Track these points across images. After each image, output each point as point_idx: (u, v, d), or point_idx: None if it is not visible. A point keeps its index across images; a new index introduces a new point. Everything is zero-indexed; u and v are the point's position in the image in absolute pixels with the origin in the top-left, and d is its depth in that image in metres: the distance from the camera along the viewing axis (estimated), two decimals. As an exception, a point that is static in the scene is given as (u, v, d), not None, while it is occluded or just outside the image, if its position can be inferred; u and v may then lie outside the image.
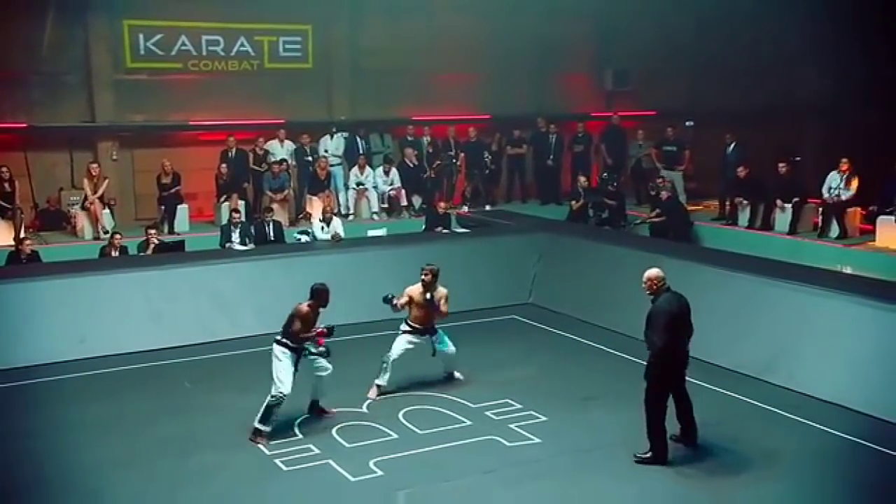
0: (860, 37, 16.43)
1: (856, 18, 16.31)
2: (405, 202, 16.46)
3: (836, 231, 14.01)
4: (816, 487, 7.29)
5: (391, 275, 10.36)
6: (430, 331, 9.29)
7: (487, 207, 16.91)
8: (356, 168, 16.28)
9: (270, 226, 13.64)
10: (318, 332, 8.22)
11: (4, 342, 10.01)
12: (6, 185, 13.99)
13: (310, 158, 16.24)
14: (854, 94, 17.16)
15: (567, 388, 9.35)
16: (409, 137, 17.24)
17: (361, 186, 16.19)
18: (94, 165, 14.76)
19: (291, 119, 16.78)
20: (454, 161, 17.31)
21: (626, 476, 7.32)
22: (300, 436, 8.10)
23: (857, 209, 14.33)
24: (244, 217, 14.10)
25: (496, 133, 18.17)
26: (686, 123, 18.80)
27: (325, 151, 16.46)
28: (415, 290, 9.17)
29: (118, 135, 16.16)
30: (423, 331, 9.23)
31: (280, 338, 8.11)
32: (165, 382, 9.59)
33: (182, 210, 15.09)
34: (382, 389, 9.04)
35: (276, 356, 8.05)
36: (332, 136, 16.66)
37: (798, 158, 16.49)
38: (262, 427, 7.93)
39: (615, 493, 7.12)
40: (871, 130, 16.46)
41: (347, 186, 16.31)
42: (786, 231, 14.53)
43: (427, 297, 9.10)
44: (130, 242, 12.99)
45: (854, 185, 14.01)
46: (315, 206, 15.12)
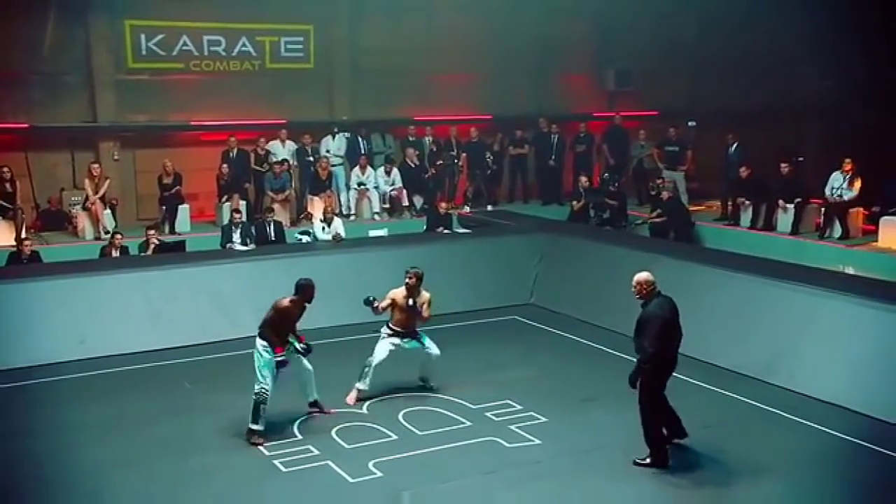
0: (861, 37, 16.41)
1: (856, 19, 16.28)
2: (406, 202, 16.44)
3: (839, 231, 13.98)
4: (816, 488, 7.27)
5: (392, 275, 10.27)
6: (412, 334, 9.11)
7: (489, 208, 16.90)
8: (357, 168, 16.27)
9: (271, 226, 13.63)
10: (300, 338, 8.33)
11: (5, 342, 10.01)
12: (7, 186, 14.00)
13: (311, 159, 16.24)
14: (856, 95, 17.15)
15: (567, 389, 9.33)
16: (411, 137, 17.23)
17: (363, 187, 16.18)
18: (96, 166, 14.76)
19: (293, 119, 16.77)
20: (456, 161, 17.29)
21: (626, 477, 7.31)
22: (299, 436, 8.09)
23: (860, 209, 14.31)
24: (245, 217, 14.10)
25: (498, 133, 18.17)
26: (688, 123, 18.78)
27: (327, 151, 16.45)
28: (398, 294, 9.01)
29: (119, 135, 16.16)
30: (405, 334, 9.06)
31: (261, 330, 8.08)
32: (165, 383, 9.58)
33: (183, 210, 15.10)
34: (363, 394, 8.91)
35: (259, 351, 8.02)
36: (334, 137, 16.65)
37: (801, 158, 16.47)
38: (255, 427, 7.92)
39: (615, 495, 7.11)
40: (873, 130, 16.44)
41: (349, 187, 16.30)
42: (788, 231, 14.51)
43: (410, 303, 8.93)
44: (132, 242, 13.00)
45: (857, 186, 13.98)
46: (316, 207, 15.11)
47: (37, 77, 15.41)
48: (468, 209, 16.72)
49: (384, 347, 9.00)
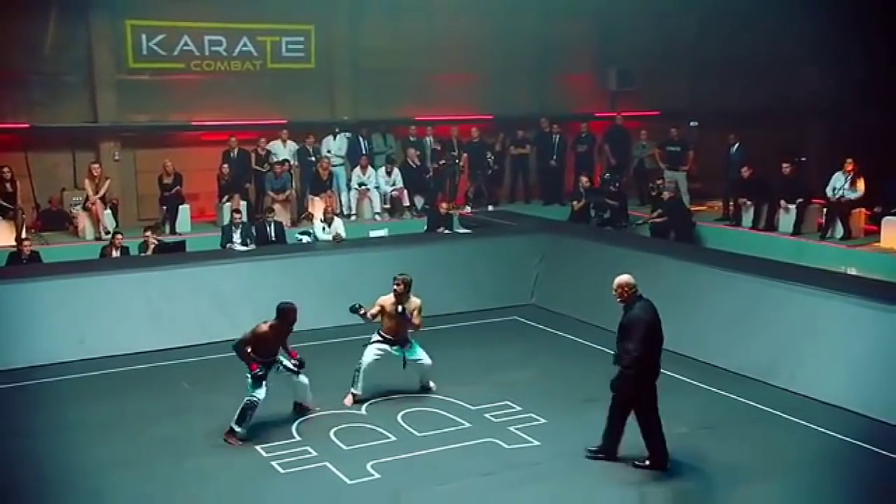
0: (861, 37, 16.36)
1: (856, 18, 16.24)
2: (407, 203, 16.42)
3: (841, 232, 13.95)
4: (815, 489, 7.24)
5: (392, 276, 10.25)
6: (402, 342, 8.99)
7: (490, 208, 16.87)
8: (358, 168, 16.25)
9: (272, 226, 13.60)
10: (292, 354, 8.36)
11: (5, 342, 10.00)
12: (7, 186, 14.00)
13: (313, 159, 16.22)
14: (857, 94, 17.08)
15: (567, 390, 9.29)
16: (412, 138, 17.20)
17: (363, 187, 16.16)
18: (96, 166, 14.76)
19: (294, 119, 16.77)
20: (457, 161, 17.27)
21: (625, 479, 7.27)
22: (298, 438, 8.06)
23: (862, 210, 14.26)
24: (246, 217, 14.08)
25: (500, 133, 18.14)
26: (690, 123, 18.74)
27: (328, 152, 16.43)
28: (387, 301, 8.88)
29: (120, 135, 16.17)
30: (394, 342, 8.95)
31: (234, 346, 8.12)
32: (165, 383, 9.57)
33: (184, 210, 15.09)
34: (358, 397, 8.85)
35: None
36: (335, 137, 16.64)
37: (803, 159, 16.42)
38: (237, 428, 7.91)
39: (614, 497, 7.08)
40: (875, 130, 16.39)
41: (350, 187, 16.29)
42: (790, 232, 14.47)
43: (398, 310, 8.80)
44: (132, 243, 12.99)
45: (861, 186, 13.94)
46: (317, 207, 15.10)
47: (37, 77, 15.43)
48: (469, 209, 16.69)
49: (371, 353, 8.92)
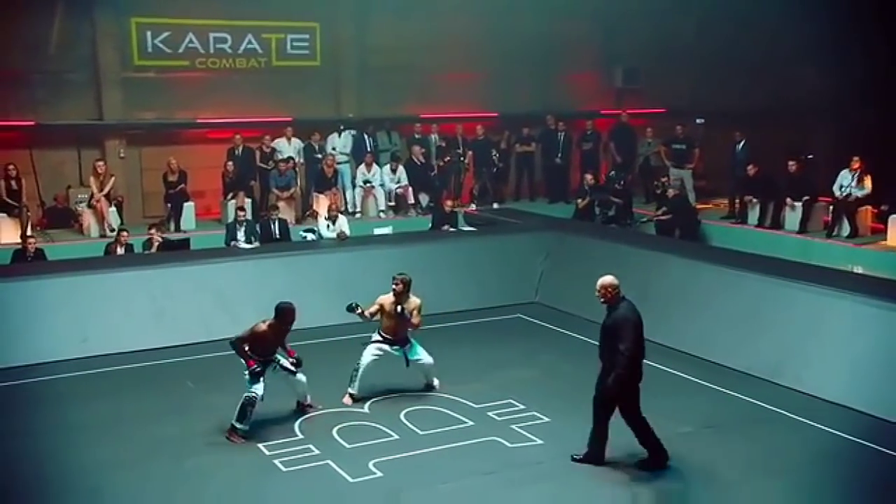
0: (862, 37, 16.29)
1: (858, 18, 16.16)
2: (412, 200, 16.40)
3: (847, 230, 13.87)
4: (819, 489, 7.20)
5: (395, 273, 10.22)
6: (402, 342, 8.95)
7: (495, 206, 16.83)
8: (363, 166, 16.23)
9: (276, 224, 13.59)
10: (289, 352, 8.36)
11: (8, 340, 9.99)
12: (13, 183, 14.02)
13: (319, 156, 16.20)
14: (865, 93, 16.97)
15: (571, 389, 9.20)
16: (417, 135, 17.18)
17: (368, 184, 16.14)
18: (101, 163, 14.77)
19: (299, 117, 16.76)
20: (462, 159, 17.23)
21: (627, 478, 7.24)
22: (300, 436, 8.05)
23: (869, 208, 14.19)
24: (250, 215, 14.06)
25: (505, 131, 18.10)
26: (696, 121, 18.66)
27: (333, 149, 16.42)
28: (386, 300, 8.82)
29: (126, 133, 16.18)
30: (394, 341, 8.91)
31: (231, 343, 8.12)
32: (167, 381, 9.55)
33: (188, 208, 15.09)
34: (355, 397, 8.81)
35: None
36: (340, 134, 16.62)
37: (811, 156, 16.33)
38: (238, 425, 7.90)
39: (616, 496, 7.05)
40: (881, 129, 16.27)
41: (354, 184, 16.27)
42: (796, 230, 14.41)
43: (398, 310, 8.75)
44: (137, 240, 13.00)
45: (868, 184, 13.88)
46: (322, 204, 15.08)
47: (43, 75, 15.43)
48: (474, 207, 16.65)
49: (369, 352, 8.88)
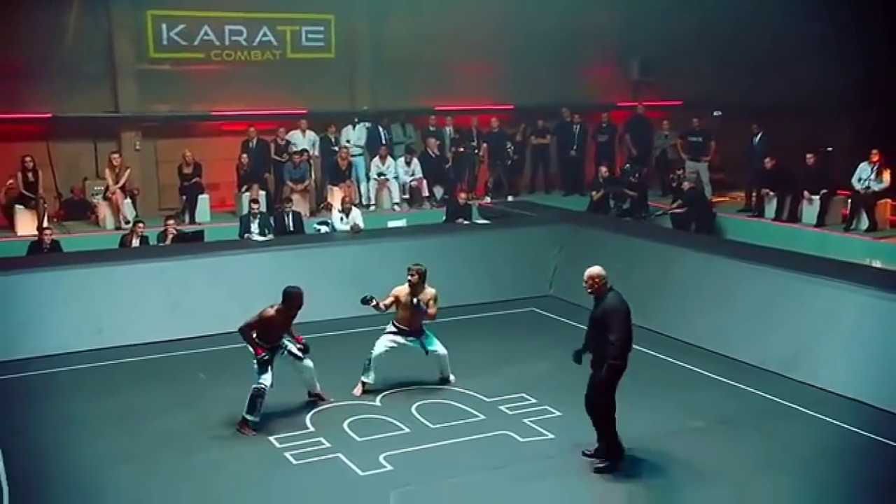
0: (884, 28, 16.06)
1: (883, 8, 15.93)
2: (426, 193, 16.38)
3: (866, 223, 13.73)
4: (834, 485, 7.13)
5: (411, 264, 10.21)
6: (417, 332, 8.96)
7: (509, 198, 16.77)
8: (377, 158, 16.21)
9: (290, 216, 13.60)
10: (297, 339, 8.35)
11: (23, 331, 10.05)
12: (30, 175, 14.10)
13: (336, 149, 16.19)
14: (885, 86, 16.75)
15: (583, 383, 8.98)
16: (432, 128, 17.14)
17: (383, 177, 16.12)
18: (116, 155, 14.84)
19: (313, 109, 16.76)
20: (476, 151, 17.18)
21: (639, 472, 7.20)
22: (311, 429, 8.05)
23: (888, 201, 14.02)
24: (264, 207, 14.08)
25: (521, 123, 18.03)
26: (714, 113, 18.51)
27: (347, 142, 16.41)
28: (401, 291, 8.84)
29: (141, 125, 16.25)
30: (409, 332, 8.93)
31: (240, 330, 8.11)
32: (180, 373, 9.58)
33: (203, 200, 15.14)
34: (368, 387, 8.82)
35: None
36: (354, 127, 16.61)
37: (830, 149, 16.16)
38: (249, 417, 7.92)
39: (626, 491, 7.01)
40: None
41: (369, 177, 16.25)
42: (813, 223, 14.28)
43: (414, 301, 8.75)
44: (152, 232, 13.05)
45: (886, 177, 13.72)
46: (336, 197, 15.08)
47: (59, 67, 15.44)
48: (489, 199, 16.61)
49: (383, 342, 8.89)
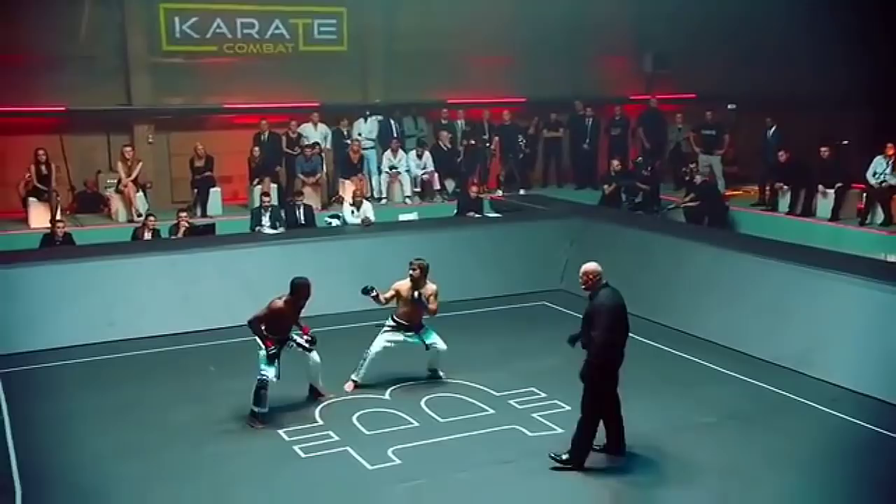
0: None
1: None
2: (438, 186, 16.35)
3: (881, 217, 13.61)
4: (844, 481, 7.07)
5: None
6: (416, 327, 8.90)
7: (521, 191, 16.72)
8: (389, 152, 16.19)
9: (300, 209, 13.60)
10: (304, 329, 8.32)
11: (35, 324, 10.10)
12: (43, 168, 14.16)
13: (348, 142, 16.17)
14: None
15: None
16: (444, 121, 17.09)
17: (394, 170, 16.10)
18: (128, 148, 14.88)
19: (326, 102, 16.77)
20: (488, 145, 17.12)
21: (645, 467, 7.16)
22: (320, 422, 8.05)
23: (904, 195, 13.89)
24: (276, 201, 14.09)
25: (533, 116, 17.96)
26: (728, 106, 18.38)
27: (359, 135, 16.39)
28: (403, 286, 8.79)
29: (154, 118, 16.30)
30: (409, 327, 8.87)
31: (249, 323, 8.11)
32: (191, 366, 9.60)
33: (215, 193, 15.15)
34: (359, 385, 8.75)
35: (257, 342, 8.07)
36: (366, 120, 16.59)
37: (846, 142, 16.01)
38: (257, 408, 7.93)
39: (634, 485, 6.97)
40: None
41: (380, 170, 16.23)
42: (828, 217, 14.16)
43: (415, 295, 8.71)
44: (165, 225, 13.09)
45: (902, 171, 13.58)
46: (347, 190, 15.07)
47: (73, 60, 15.50)
48: (501, 193, 16.56)
49: (380, 342, 8.83)
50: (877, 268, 10.45)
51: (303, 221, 13.49)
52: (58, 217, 13.48)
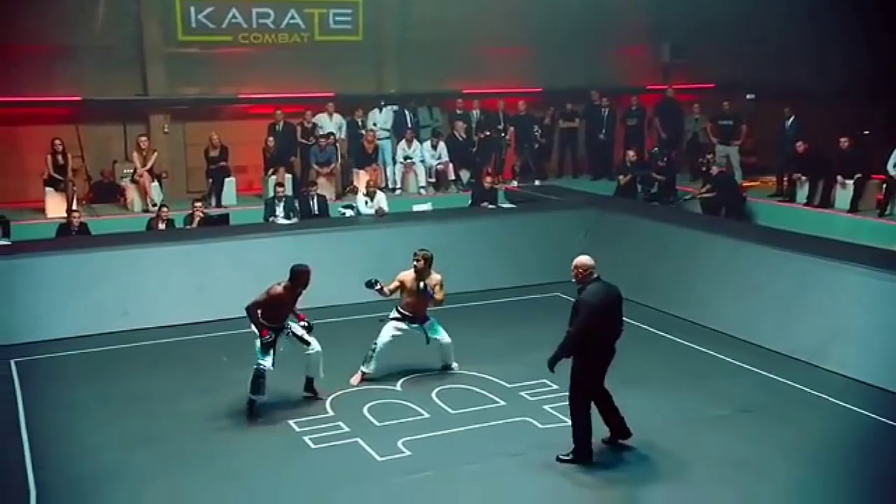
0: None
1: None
2: (453, 176, 16.29)
3: (902, 209, 13.43)
4: (858, 475, 6.99)
5: (433, 250, 10.13)
6: (422, 319, 8.86)
7: (536, 182, 16.64)
8: (404, 142, 16.14)
9: (314, 200, 13.59)
10: (300, 317, 8.27)
11: (50, 313, 10.17)
12: (59, 158, 14.22)
13: (363, 132, 16.14)
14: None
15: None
16: (459, 111, 17.02)
17: (409, 160, 16.06)
18: (143, 138, 14.91)
19: (341, 92, 16.73)
20: (503, 135, 17.04)
21: (659, 460, 7.11)
22: (331, 413, 8.05)
23: (925, 186, 13.70)
24: (290, 191, 14.09)
25: (549, 106, 17.85)
26: (747, 96, 18.18)
27: (374, 125, 16.36)
28: (407, 276, 8.74)
29: (170, 108, 16.33)
30: (413, 318, 8.83)
31: (247, 310, 8.05)
32: (203, 356, 9.63)
33: (229, 183, 15.17)
34: (367, 377, 8.72)
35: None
36: (381, 110, 16.55)
37: (867, 132, 15.79)
38: (255, 397, 7.91)
39: (643, 478, 6.92)
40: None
41: (395, 160, 16.20)
42: (846, 209, 13.97)
43: (420, 286, 8.67)
44: (180, 215, 13.12)
45: (923, 161, 13.39)
46: (362, 180, 15.05)
47: (89, 50, 15.57)
48: (515, 184, 16.49)
49: (388, 331, 8.79)
50: (894, 260, 10.29)
51: (317, 212, 13.49)
52: (73, 207, 13.54)
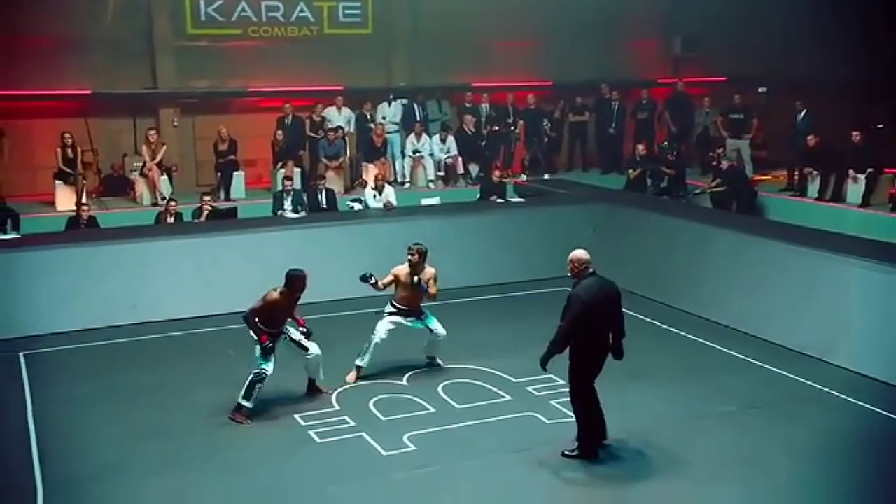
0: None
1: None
2: (462, 170, 16.26)
3: (914, 204, 13.32)
4: (864, 472, 6.95)
5: (441, 244, 10.16)
6: (416, 313, 8.84)
7: (546, 176, 16.58)
8: (413, 135, 16.12)
9: (323, 193, 13.59)
10: (299, 322, 8.22)
11: (59, 306, 10.20)
12: (69, 151, 14.27)
13: (372, 125, 16.13)
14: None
15: (612, 365, 8.95)
16: (468, 104, 16.97)
17: (418, 154, 16.03)
18: (152, 132, 14.93)
19: (350, 85, 16.72)
20: (513, 129, 16.99)
21: (665, 456, 7.08)
22: (337, 407, 8.06)
23: (938, 180, 13.61)
24: (299, 184, 14.09)
25: (559, 100, 17.79)
26: (759, 90, 18.06)
27: (383, 118, 16.33)
28: (401, 271, 8.73)
29: (180, 101, 16.35)
30: (409, 312, 8.82)
31: (244, 317, 7.95)
32: (211, 350, 9.63)
33: (238, 177, 15.19)
34: (363, 371, 8.69)
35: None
36: (390, 103, 16.52)
37: (881, 126, 15.66)
38: (244, 402, 7.75)
39: (648, 474, 6.89)
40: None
41: (404, 154, 16.17)
42: (858, 203, 13.87)
43: (414, 280, 8.65)
44: (189, 208, 13.14)
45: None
46: (370, 174, 15.03)
47: (99, 44, 15.59)
48: (525, 178, 16.44)
49: (384, 325, 8.76)
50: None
51: (325, 205, 13.48)
52: (83, 200, 13.58)
